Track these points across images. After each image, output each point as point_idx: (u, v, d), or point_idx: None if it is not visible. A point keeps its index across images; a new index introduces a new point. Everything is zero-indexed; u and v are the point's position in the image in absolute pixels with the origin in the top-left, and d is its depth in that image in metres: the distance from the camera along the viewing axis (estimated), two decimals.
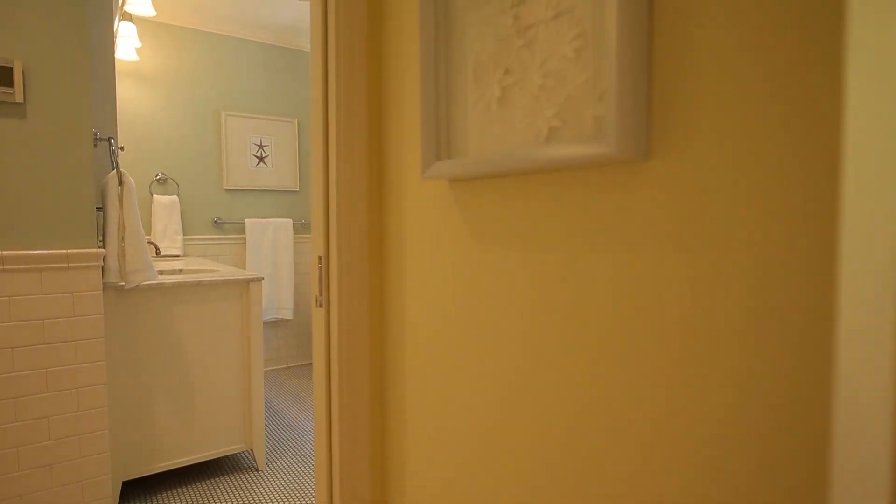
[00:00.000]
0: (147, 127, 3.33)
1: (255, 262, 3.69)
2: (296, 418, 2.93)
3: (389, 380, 1.02)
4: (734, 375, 0.48)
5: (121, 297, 1.95)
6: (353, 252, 0.99)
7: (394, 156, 0.98)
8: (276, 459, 2.43)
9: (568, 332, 0.65)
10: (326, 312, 1.02)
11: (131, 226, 1.83)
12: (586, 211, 0.61)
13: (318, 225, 1.03)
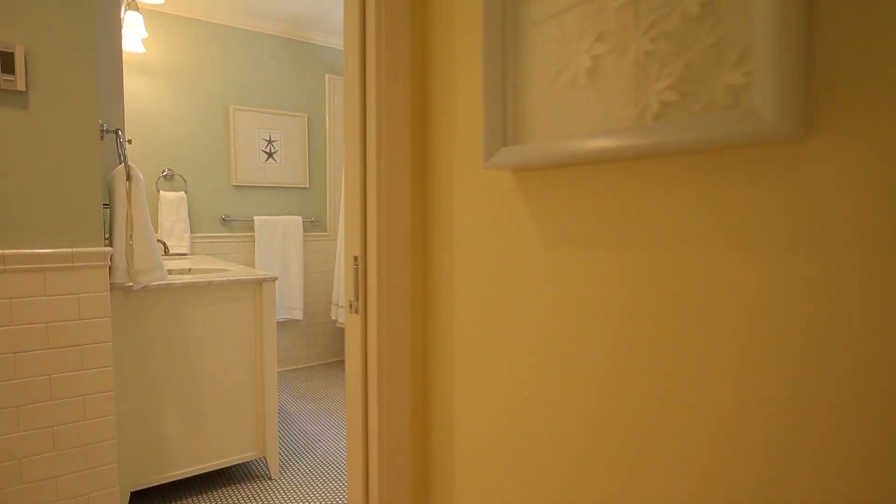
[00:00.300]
0: (153, 121, 3.23)
1: (264, 261, 3.59)
2: (308, 422, 2.82)
3: (435, 398, 0.91)
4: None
5: (128, 298, 1.85)
6: (395, 252, 0.88)
7: (440, 145, 0.87)
8: (290, 467, 2.32)
9: (675, 350, 0.54)
10: (363, 319, 0.91)
11: (140, 223, 1.73)
12: (719, 203, 0.50)
13: (354, 221, 0.92)
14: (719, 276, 0.50)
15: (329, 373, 3.73)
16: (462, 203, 0.82)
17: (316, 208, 3.90)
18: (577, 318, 0.65)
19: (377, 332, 0.88)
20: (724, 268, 0.50)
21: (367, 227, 0.89)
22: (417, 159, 0.91)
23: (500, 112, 0.68)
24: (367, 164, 0.88)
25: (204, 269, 2.44)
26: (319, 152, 3.89)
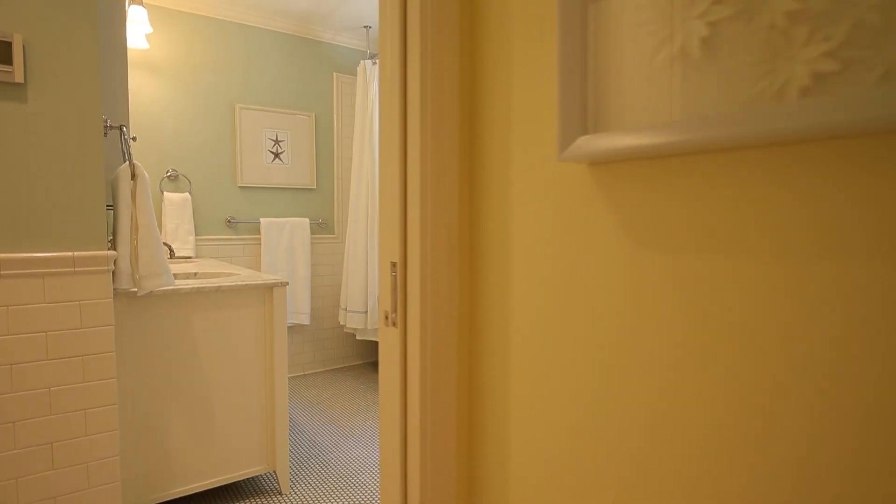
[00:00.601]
0: (157, 120, 3.13)
1: (271, 264, 3.48)
2: (317, 433, 2.72)
3: (484, 426, 0.80)
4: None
5: (132, 305, 1.74)
6: (440, 258, 0.77)
7: (492, 135, 0.76)
8: (301, 481, 2.22)
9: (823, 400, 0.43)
10: (402, 333, 0.81)
11: (146, 225, 1.62)
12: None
13: (392, 222, 0.81)
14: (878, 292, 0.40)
15: (337, 379, 3.63)
16: (521, 201, 0.72)
17: (323, 210, 3.80)
18: (686, 339, 0.54)
19: (419, 349, 0.77)
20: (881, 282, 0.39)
21: (407, 228, 0.79)
22: (465, 150, 0.81)
23: (579, 95, 0.58)
24: (409, 157, 0.78)
25: (211, 274, 2.34)
26: (327, 153, 3.79)
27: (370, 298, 3.45)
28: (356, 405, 3.12)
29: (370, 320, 3.45)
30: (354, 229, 3.52)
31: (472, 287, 0.81)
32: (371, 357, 4.10)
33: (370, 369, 3.86)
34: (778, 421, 0.46)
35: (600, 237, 0.61)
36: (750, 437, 0.48)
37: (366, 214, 3.48)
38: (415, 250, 0.77)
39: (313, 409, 3.07)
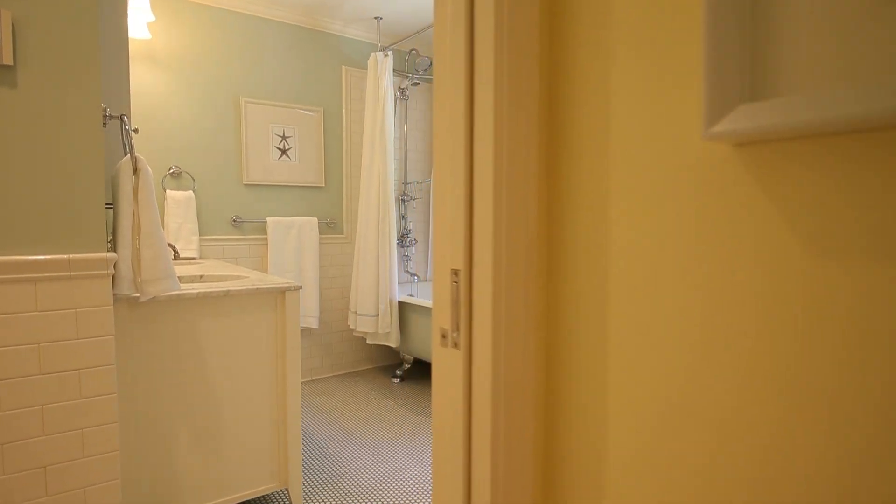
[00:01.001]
0: (159, 114, 2.98)
1: (278, 265, 3.34)
2: (329, 444, 2.57)
3: (571, 477, 0.65)
4: None
5: (134, 311, 1.60)
6: (515, 266, 0.63)
7: (581, 108, 0.62)
8: (315, 499, 2.07)
9: None
10: (466, 357, 0.66)
11: (149, 224, 1.48)
12: None
13: (452, 222, 0.67)
14: None
15: (347, 385, 3.48)
16: (630, 192, 0.57)
17: (332, 209, 3.65)
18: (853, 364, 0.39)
19: (491, 378, 0.62)
20: None
21: (474, 228, 0.64)
22: (543, 139, 0.66)
23: (736, 48, 0.43)
24: (477, 143, 0.63)
25: (217, 276, 2.19)
26: (335, 149, 3.64)
27: (381, 301, 3.30)
28: (369, 413, 2.98)
29: (381, 324, 3.31)
30: (365, 229, 3.37)
31: (548, 300, 0.66)
32: (381, 361, 3.95)
33: (381, 374, 3.72)
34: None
35: (758, 236, 0.46)
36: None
37: (377, 213, 3.34)
38: (484, 255, 0.63)
39: (324, 417, 2.93)
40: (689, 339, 0.52)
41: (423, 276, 4.15)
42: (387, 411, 3.01)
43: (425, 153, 4.12)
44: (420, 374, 3.74)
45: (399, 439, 2.62)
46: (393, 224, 3.34)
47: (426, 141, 4.10)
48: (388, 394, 3.32)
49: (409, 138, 4.00)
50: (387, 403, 3.14)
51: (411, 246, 3.89)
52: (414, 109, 4.02)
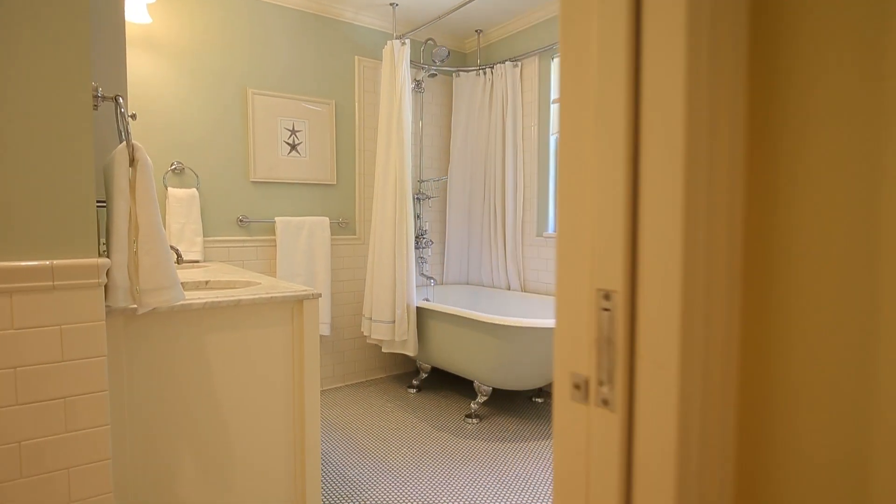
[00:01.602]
0: (160, 105, 2.76)
1: (288, 269, 3.12)
2: (346, 464, 2.35)
3: None
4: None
5: (130, 326, 1.38)
6: (715, 287, 0.40)
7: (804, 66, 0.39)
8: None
9: None
10: (624, 425, 0.44)
11: (149, 225, 1.26)
12: None
13: (605, 218, 0.44)
14: None
15: (360, 396, 3.26)
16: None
17: (344, 208, 3.43)
18: None
19: (676, 463, 0.40)
20: None
21: (640, 226, 0.42)
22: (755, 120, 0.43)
23: None
24: (643, 120, 0.41)
25: (225, 282, 1.97)
26: (348, 144, 3.42)
27: (398, 307, 3.08)
28: (387, 429, 2.75)
29: (398, 331, 3.08)
30: (381, 230, 3.15)
31: (758, 339, 0.44)
32: (395, 370, 3.73)
33: (395, 383, 3.49)
34: None
35: None
36: None
37: (393, 213, 3.11)
38: (662, 268, 0.40)
39: (339, 434, 2.70)
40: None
41: (439, 280, 3.93)
42: (406, 427, 2.79)
43: (442, 149, 3.89)
44: (438, 383, 3.52)
45: (423, 460, 2.40)
46: (411, 224, 3.12)
47: (442, 136, 3.88)
48: (405, 405, 3.10)
49: (424, 134, 3.78)
50: (405, 417, 2.92)
51: (427, 247, 3.67)
52: (430, 103, 3.80)
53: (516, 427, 2.79)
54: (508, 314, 3.46)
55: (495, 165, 3.56)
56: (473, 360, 2.83)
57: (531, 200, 3.44)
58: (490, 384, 2.84)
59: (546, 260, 3.36)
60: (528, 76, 3.44)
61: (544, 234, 3.35)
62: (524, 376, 2.75)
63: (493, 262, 3.63)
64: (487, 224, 3.66)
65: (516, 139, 3.48)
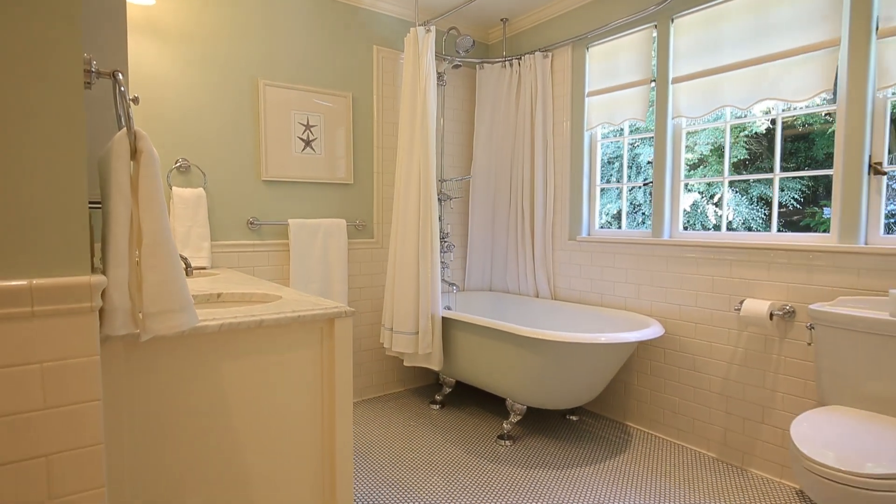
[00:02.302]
0: (164, 97, 2.51)
1: (302, 276, 2.86)
2: (373, 498, 2.10)
3: None
4: None
5: (132, 356, 1.12)
6: None
7: None
8: None
9: None
10: None
11: (155, 232, 1.00)
12: None
13: None
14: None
15: (379, 413, 3.00)
16: None
17: (361, 209, 3.18)
18: None
19: None
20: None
21: None
22: None
23: None
24: None
25: (240, 295, 1.72)
26: (365, 141, 3.17)
27: (422, 317, 2.83)
28: (415, 454, 2.50)
29: (422, 343, 2.83)
30: (403, 233, 2.89)
31: None
32: (414, 382, 3.47)
33: (415, 398, 3.24)
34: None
35: None
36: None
37: (417, 215, 2.86)
38: None
39: (362, 460, 2.45)
40: None
41: (462, 286, 3.67)
42: (434, 450, 2.53)
43: (464, 146, 3.64)
44: (462, 399, 3.27)
45: (459, 492, 2.15)
46: (436, 228, 2.87)
47: (464, 133, 3.62)
48: (429, 425, 2.85)
49: (445, 130, 3.53)
50: (431, 439, 2.66)
51: (449, 251, 3.42)
52: (451, 97, 3.55)
53: (555, 450, 2.54)
54: (538, 324, 3.21)
55: (523, 164, 3.31)
56: (507, 376, 2.58)
57: (563, 201, 3.19)
58: (525, 403, 2.59)
59: (579, 266, 3.11)
60: (559, 67, 3.19)
61: (578, 238, 3.10)
62: (566, 394, 2.50)
63: (520, 267, 3.38)
64: (514, 226, 3.41)
65: (546, 135, 3.23)
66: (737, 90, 2.35)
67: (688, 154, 5.87)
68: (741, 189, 5.34)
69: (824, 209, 5.14)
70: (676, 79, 2.61)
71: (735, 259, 2.37)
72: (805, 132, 4.77)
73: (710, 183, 3.36)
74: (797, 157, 5.16)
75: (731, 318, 2.40)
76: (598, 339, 2.26)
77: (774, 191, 2.40)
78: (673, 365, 2.64)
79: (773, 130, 2.43)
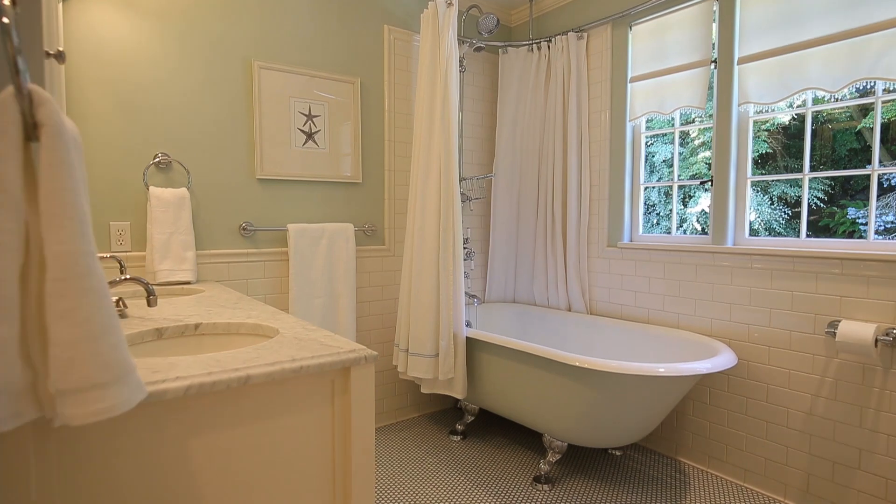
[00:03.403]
0: (142, 81, 2.12)
1: (304, 288, 2.47)
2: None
3: None
4: None
5: (46, 445, 0.73)
6: None
7: None
8: None
9: None
10: None
11: (68, 258, 0.61)
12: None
13: None
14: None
15: (392, 444, 2.61)
16: None
17: (371, 212, 2.79)
18: None
19: None
20: None
21: None
22: None
23: None
24: None
25: (224, 326, 1.33)
26: (376, 134, 2.78)
27: (443, 337, 2.44)
28: (432, 497, 2.10)
29: (443, 367, 2.44)
30: (420, 239, 2.50)
31: None
32: (430, 407, 3.08)
33: (432, 426, 2.85)
34: None
35: None
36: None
37: (437, 219, 2.47)
38: None
39: None
40: None
41: (483, 298, 3.28)
42: (459, 495, 2.14)
43: (485, 141, 3.25)
44: (487, 428, 2.87)
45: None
46: (459, 233, 2.48)
47: (484, 126, 3.23)
48: (450, 461, 2.45)
49: (464, 123, 3.13)
50: (454, 480, 2.27)
51: (469, 259, 3.03)
52: (471, 86, 3.16)
53: (602, 496, 2.15)
54: (571, 343, 2.82)
55: (554, 160, 2.91)
56: (545, 409, 2.19)
57: (601, 202, 2.80)
58: (567, 440, 2.20)
59: (621, 276, 2.71)
60: (596, 50, 2.80)
61: (619, 244, 2.71)
62: (616, 432, 2.11)
63: (550, 277, 2.98)
64: (542, 230, 3.01)
65: (581, 127, 2.84)
66: (826, 69, 1.96)
67: (707, 151, 5.45)
68: (761, 188, 4.96)
69: (848, 210, 4.79)
70: (744, 58, 2.22)
71: (822, 271, 1.98)
72: (821, 130, 4.41)
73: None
74: (813, 155, 4.80)
75: (816, 341, 2.01)
76: (660, 370, 1.87)
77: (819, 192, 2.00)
78: (739, 394, 2.25)
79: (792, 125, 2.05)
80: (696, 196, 5.42)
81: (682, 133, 2.79)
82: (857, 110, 4.22)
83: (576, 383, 2.04)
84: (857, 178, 4.08)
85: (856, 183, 4.27)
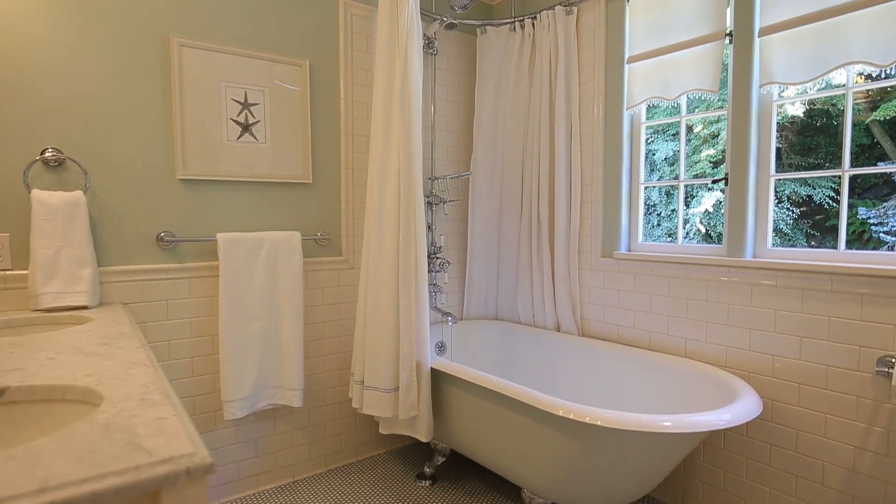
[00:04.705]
0: (22, 56, 1.72)
1: (239, 310, 2.06)
2: None
3: None
4: None
5: None
6: None
7: None
8: None
9: None
10: None
11: None
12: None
13: None
14: None
15: (348, 490, 2.20)
16: None
17: (324, 218, 2.38)
18: None
19: None
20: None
21: None
22: None
23: None
24: None
25: (44, 390, 0.92)
26: (329, 126, 2.37)
27: (403, 368, 2.03)
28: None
29: (403, 405, 2.04)
30: (377, 251, 2.10)
31: None
32: (396, 443, 2.68)
33: (398, 467, 2.44)
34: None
35: None
36: None
37: (396, 226, 2.06)
38: None
39: None
40: None
41: (459, 314, 2.87)
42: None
43: (461, 134, 2.84)
44: (460, 471, 2.46)
45: None
46: (422, 241, 2.08)
47: (462, 118, 2.82)
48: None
49: (437, 113, 2.72)
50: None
51: (442, 271, 2.62)
52: (445, 71, 2.75)
53: None
54: (560, 369, 2.41)
55: (539, 155, 2.51)
56: (525, 460, 1.79)
57: (593, 205, 2.39)
58: (550, 498, 1.79)
59: (618, 292, 2.31)
60: (587, 26, 2.39)
61: (615, 255, 2.30)
62: (610, 492, 1.70)
63: (536, 291, 2.58)
64: (527, 238, 2.61)
65: (570, 117, 2.43)
66: (873, 39, 1.56)
67: (710, 149, 5.03)
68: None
69: (859, 209, 4.39)
70: (767, 28, 1.81)
71: (870, 293, 1.57)
72: (830, 124, 4.02)
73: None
74: (817, 152, 4.40)
75: (863, 380, 1.60)
76: (665, 424, 1.46)
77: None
78: (761, 440, 1.84)
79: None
80: (699, 195, 5.00)
81: (686, 127, 2.37)
82: (865, 103, 3.83)
83: (560, 433, 1.63)
84: (864, 175, 3.69)
85: (863, 181, 3.88)
